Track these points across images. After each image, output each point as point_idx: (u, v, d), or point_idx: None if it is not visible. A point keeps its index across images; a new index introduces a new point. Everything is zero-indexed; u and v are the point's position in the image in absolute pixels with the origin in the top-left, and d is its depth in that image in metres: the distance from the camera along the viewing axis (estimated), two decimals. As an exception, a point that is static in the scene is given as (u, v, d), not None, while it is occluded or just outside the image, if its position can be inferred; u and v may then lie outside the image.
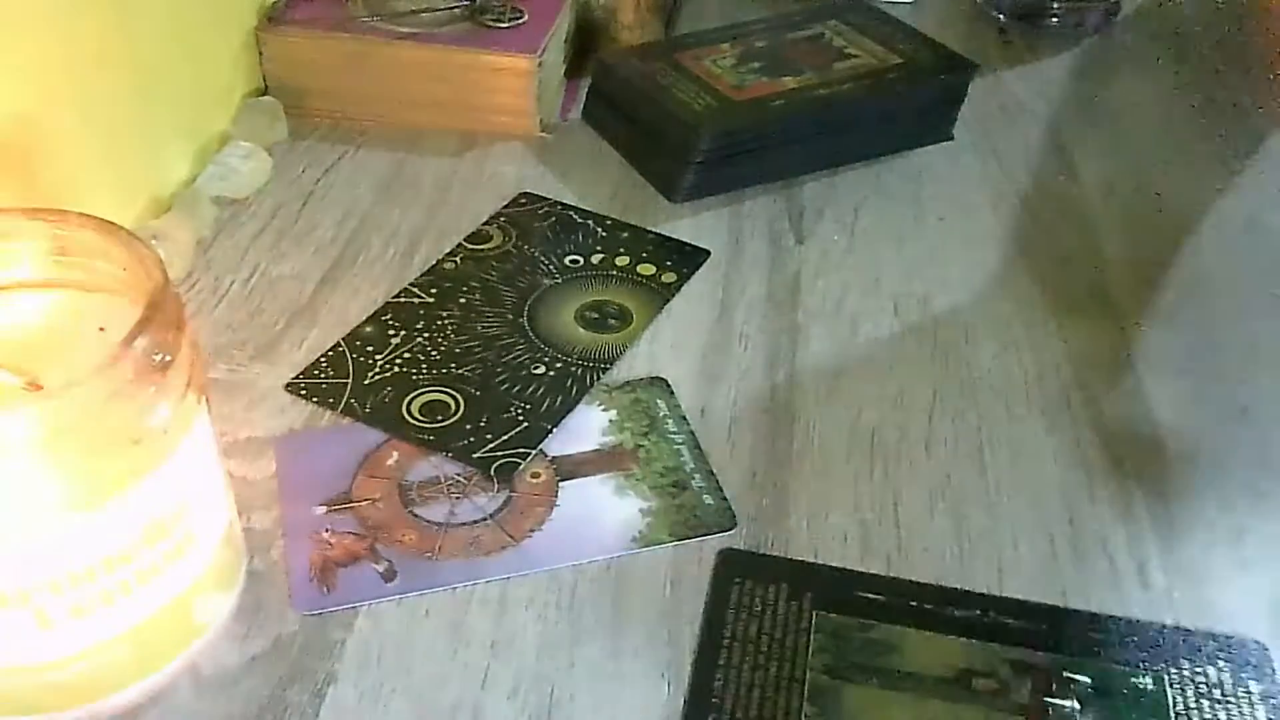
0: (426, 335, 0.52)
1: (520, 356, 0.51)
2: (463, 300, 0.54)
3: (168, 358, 0.34)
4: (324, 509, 0.45)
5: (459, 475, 0.46)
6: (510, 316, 0.54)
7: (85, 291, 0.37)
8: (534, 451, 0.47)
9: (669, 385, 0.50)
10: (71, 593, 0.34)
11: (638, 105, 0.64)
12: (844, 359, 0.52)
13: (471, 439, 0.47)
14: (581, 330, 0.53)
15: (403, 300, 0.54)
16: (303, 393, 0.49)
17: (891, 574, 0.43)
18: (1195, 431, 0.49)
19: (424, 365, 0.51)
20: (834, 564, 0.43)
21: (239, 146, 0.61)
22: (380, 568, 0.43)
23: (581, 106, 0.68)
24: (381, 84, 0.66)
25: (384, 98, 0.66)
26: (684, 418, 0.49)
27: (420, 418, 0.48)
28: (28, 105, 0.48)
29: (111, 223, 0.36)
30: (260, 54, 0.66)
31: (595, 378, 0.50)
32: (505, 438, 0.47)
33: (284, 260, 0.57)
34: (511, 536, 0.44)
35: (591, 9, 0.72)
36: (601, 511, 0.45)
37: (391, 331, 0.52)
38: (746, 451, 0.48)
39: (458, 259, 0.57)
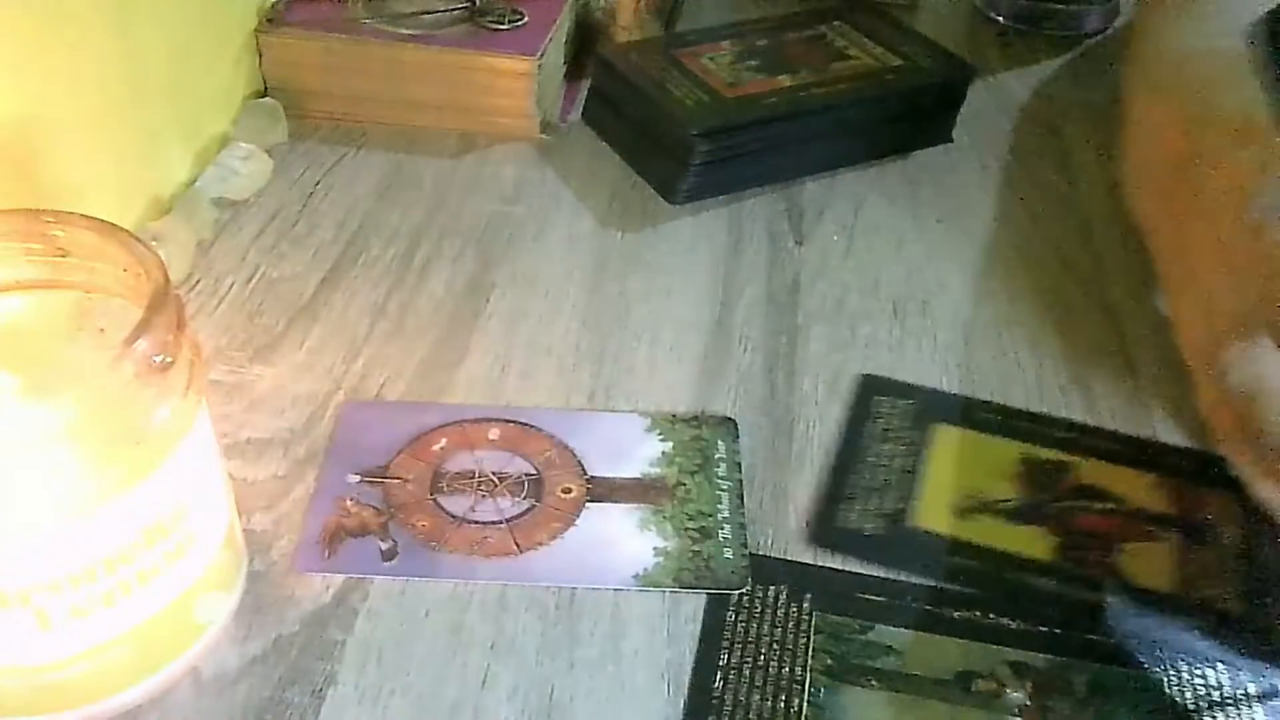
0: None
1: None
2: None
3: (168, 359, 0.34)
4: (358, 478, 0.45)
5: (493, 473, 0.46)
6: None
7: (85, 292, 0.37)
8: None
9: (736, 427, 0.48)
10: (72, 593, 0.34)
11: (633, 101, 0.64)
12: (844, 360, 0.52)
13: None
14: None
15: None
16: None
17: (891, 574, 0.43)
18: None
19: None
20: (833, 565, 0.44)
21: (239, 148, 0.61)
22: (385, 546, 0.43)
23: (581, 108, 0.68)
24: (381, 85, 0.66)
25: (384, 99, 0.66)
26: (738, 464, 0.47)
27: None
28: (28, 106, 0.48)
29: (112, 224, 0.36)
30: (260, 55, 0.66)
31: None
32: None
33: (284, 262, 0.57)
34: (518, 545, 0.44)
35: (591, 11, 0.72)
36: (615, 542, 0.44)
37: None
38: (746, 452, 0.48)
39: None
